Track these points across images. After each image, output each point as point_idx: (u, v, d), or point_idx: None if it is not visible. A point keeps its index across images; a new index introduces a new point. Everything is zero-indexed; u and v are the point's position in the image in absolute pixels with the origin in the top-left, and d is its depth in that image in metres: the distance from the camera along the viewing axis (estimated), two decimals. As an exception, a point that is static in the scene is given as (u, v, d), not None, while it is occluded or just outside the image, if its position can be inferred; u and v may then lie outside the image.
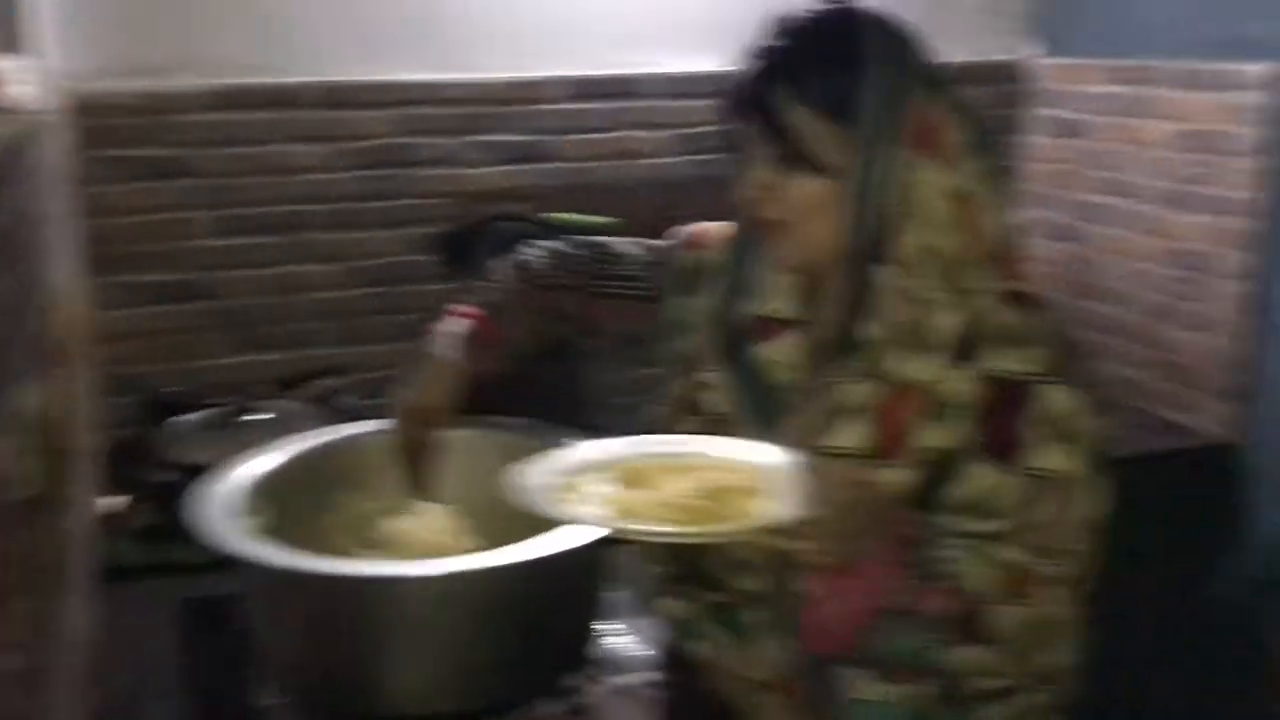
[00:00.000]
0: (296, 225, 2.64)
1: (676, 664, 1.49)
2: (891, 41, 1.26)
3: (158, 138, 2.51)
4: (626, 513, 1.13)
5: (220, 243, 2.59)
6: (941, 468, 1.23)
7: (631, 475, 1.22)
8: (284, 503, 1.39)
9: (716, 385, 1.38)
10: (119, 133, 2.48)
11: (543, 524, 1.29)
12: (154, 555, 2.02)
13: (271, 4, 2.54)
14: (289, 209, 2.62)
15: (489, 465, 1.46)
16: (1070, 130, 3.05)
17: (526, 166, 2.76)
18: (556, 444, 1.33)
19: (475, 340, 1.56)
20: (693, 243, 1.49)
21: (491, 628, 1.14)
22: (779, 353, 1.35)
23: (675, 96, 2.85)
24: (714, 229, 1.48)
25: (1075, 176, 3.03)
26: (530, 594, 1.15)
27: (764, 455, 1.22)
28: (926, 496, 1.24)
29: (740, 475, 1.19)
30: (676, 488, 1.18)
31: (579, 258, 1.56)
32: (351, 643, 1.15)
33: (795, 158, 1.23)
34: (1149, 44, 2.81)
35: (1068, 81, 3.05)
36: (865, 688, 1.26)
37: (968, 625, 1.20)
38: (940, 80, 1.27)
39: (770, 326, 1.35)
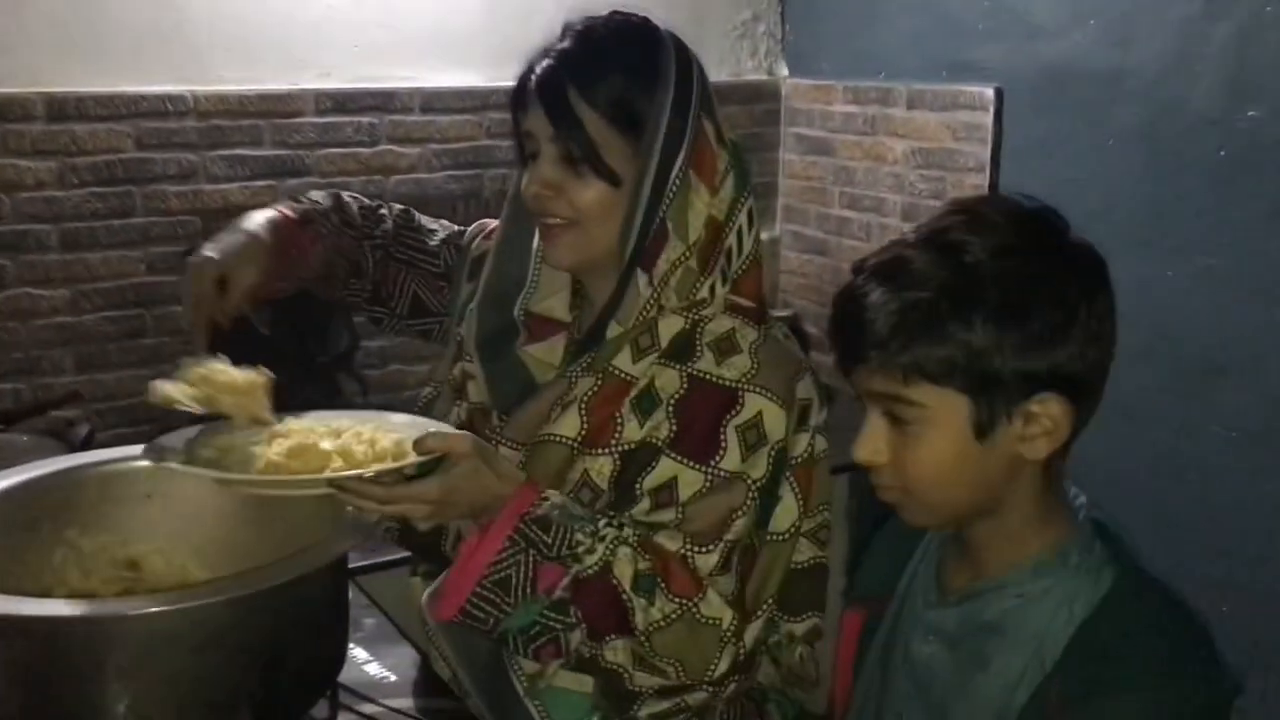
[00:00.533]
0: (23, 245, 2.46)
1: (429, 686, 1.48)
2: (686, 62, 1.29)
3: None
4: (233, 464, 1.14)
5: None
6: (638, 459, 1.26)
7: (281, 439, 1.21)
8: (2, 540, 1.29)
9: (475, 376, 1.38)
10: None
11: (283, 552, 1.24)
12: None
13: (-13, 11, 2.37)
14: (14, 228, 2.44)
15: (224, 499, 1.39)
16: (818, 148, 3.19)
17: (276, 181, 2.67)
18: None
19: (281, 235, 1.39)
20: (488, 236, 1.49)
21: (220, 661, 1.09)
22: (546, 353, 1.36)
23: (433, 111, 2.82)
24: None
25: (824, 192, 3.18)
26: (260, 624, 1.10)
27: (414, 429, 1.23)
28: (624, 480, 1.27)
29: (363, 443, 1.19)
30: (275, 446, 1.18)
31: (386, 217, 1.54)
32: (64, 688, 1.07)
33: (583, 160, 1.24)
34: (885, 67, 2.97)
35: (813, 101, 3.19)
36: (524, 668, 1.28)
37: (613, 617, 1.20)
38: (714, 106, 1.31)
39: (542, 325, 1.36)
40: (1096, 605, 0.99)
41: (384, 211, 1.54)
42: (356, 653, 1.54)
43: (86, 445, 2.24)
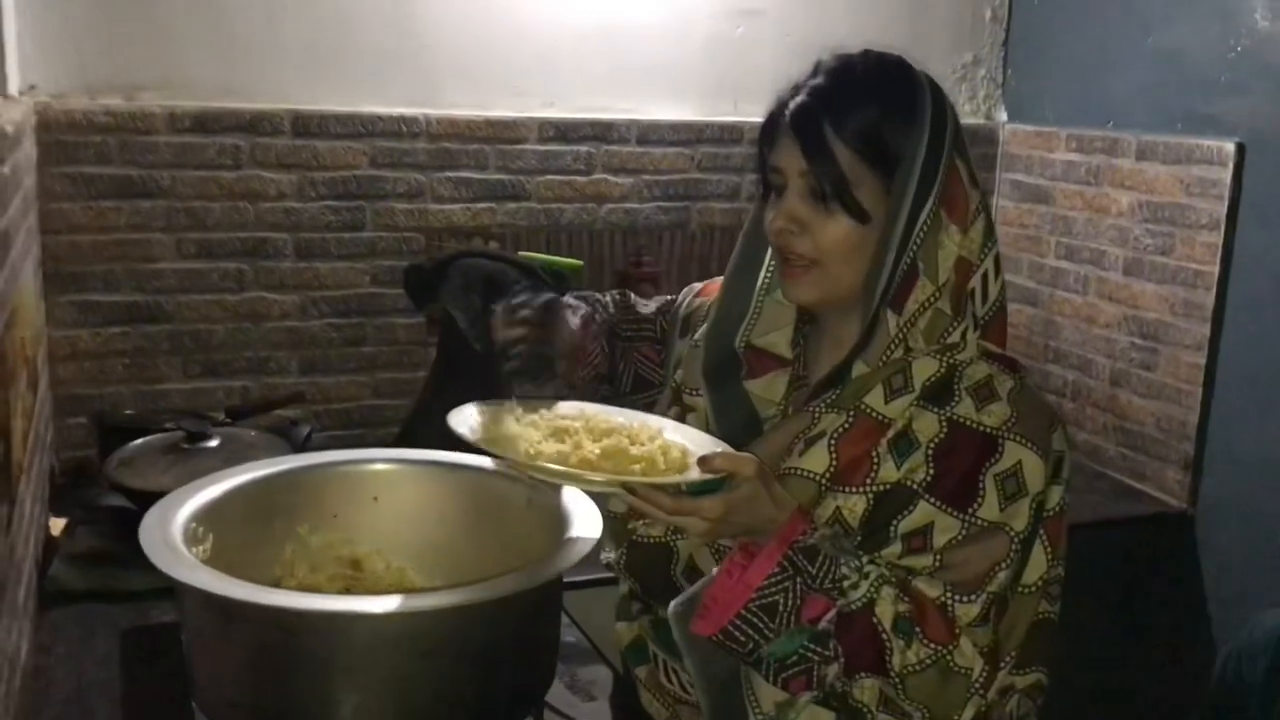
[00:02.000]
0: (260, 252, 2.61)
1: (625, 690, 1.49)
2: (941, 101, 1.28)
3: (122, 157, 2.48)
4: (529, 455, 1.15)
5: (181, 266, 2.56)
6: (891, 500, 1.24)
7: (563, 432, 1.23)
8: (238, 532, 1.35)
9: (700, 408, 1.39)
10: (83, 150, 2.44)
11: (498, 565, 1.27)
12: (95, 580, 1.96)
13: (245, 29, 2.53)
14: (253, 235, 2.60)
15: (457, 507, 1.44)
16: (1036, 196, 3.10)
17: (496, 204, 2.77)
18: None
19: (581, 341, 1.48)
20: (701, 292, 1.52)
21: (443, 668, 1.11)
22: (766, 389, 1.36)
23: (646, 143, 2.87)
24: (717, 284, 1.48)
25: (1039, 241, 3.08)
26: (483, 634, 1.12)
27: (701, 441, 1.24)
28: (874, 527, 1.25)
29: (658, 448, 1.20)
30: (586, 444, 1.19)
31: (608, 303, 1.58)
32: (294, 679, 1.11)
33: (833, 196, 1.23)
34: (1113, 115, 2.87)
35: (1034, 148, 3.10)
36: (766, 697, 1.25)
37: (870, 655, 1.18)
38: (966, 147, 1.29)
39: (762, 360, 1.37)
40: None
41: (605, 298, 1.59)
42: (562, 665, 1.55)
43: (307, 444, 2.34)
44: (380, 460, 1.52)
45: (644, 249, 2.92)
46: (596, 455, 1.16)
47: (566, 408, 1.31)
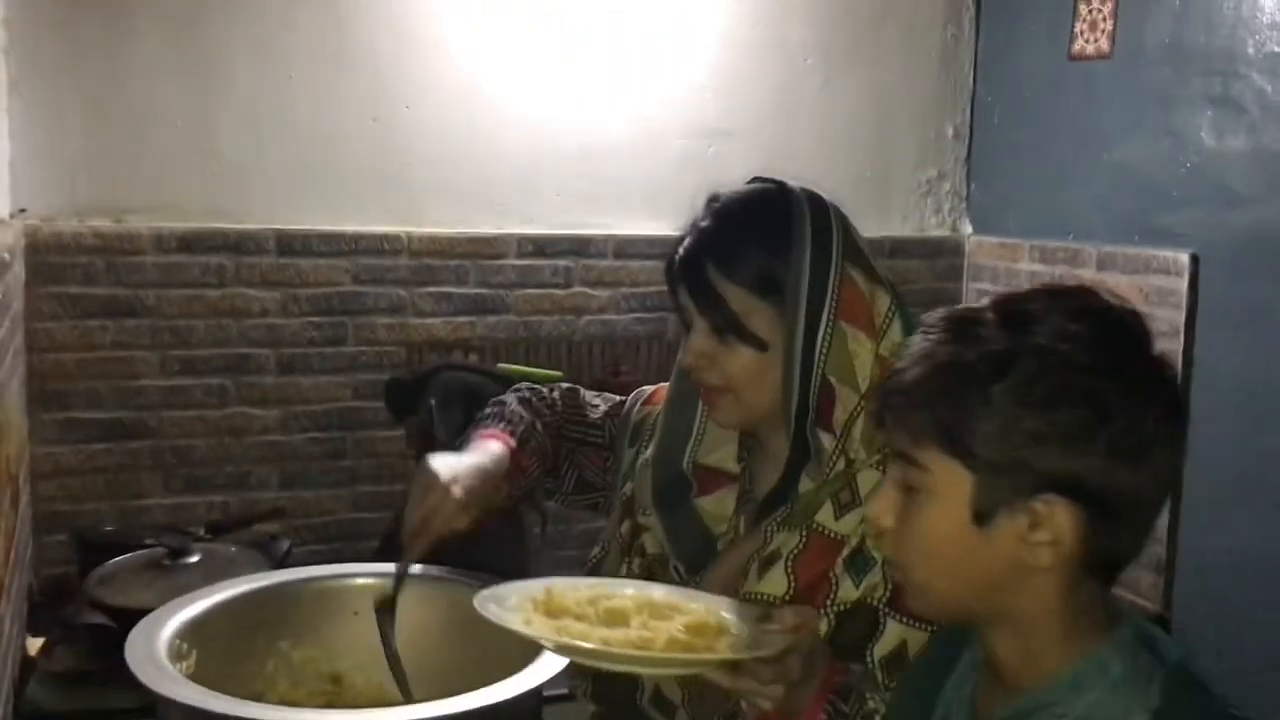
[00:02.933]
0: (243, 368, 2.65)
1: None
2: (819, 220, 1.31)
3: (109, 277, 2.53)
4: (600, 642, 1.08)
5: (164, 383, 2.59)
6: (855, 620, 1.25)
7: (598, 611, 1.20)
8: (220, 648, 1.36)
9: (654, 528, 1.41)
10: (70, 270, 2.49)
11: (490, 676, 1.28)
12: (74, 701, 1.95)
13: (232, 151, 2.61)
14: (236, 351, 2.64)
15: (439, 620, 1.45)
16: (1002, 304, 3.17)
17: (476, 318, 2.82)
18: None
19: (507, 466, 1.44)
20: (649, 400, 1.54)
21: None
22: (717, 505, 1.38)
23: (624, 256, 2.94)
24: (665, 389, 1.50)
25: (1007, 348, 3.14)
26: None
27: (710, 601, 1.20)
28: (856, 649, 1.25)
29: (702, 616, 1.16)
30: (658, 625, 1.13)
31: (556, 401, 1.58)
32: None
33: (728, 330, 1.28)
34: (1073, 227, 2.95)
35: (999, 258, 3.20)
36: None
37: None
38: (862, 252, 1.33)
39: (711, 477, 1.39)
40: None
41: (554, 395, 1.59)
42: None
43: (286, 559, 2.34)
44: (361, 574, 1.53)
45: (622, 359, 2.97)
46: (684, 633, 1.11)
47: (560, 585, 1.23)
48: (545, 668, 1.23)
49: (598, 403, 1.59)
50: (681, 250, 1.32)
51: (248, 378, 2.66)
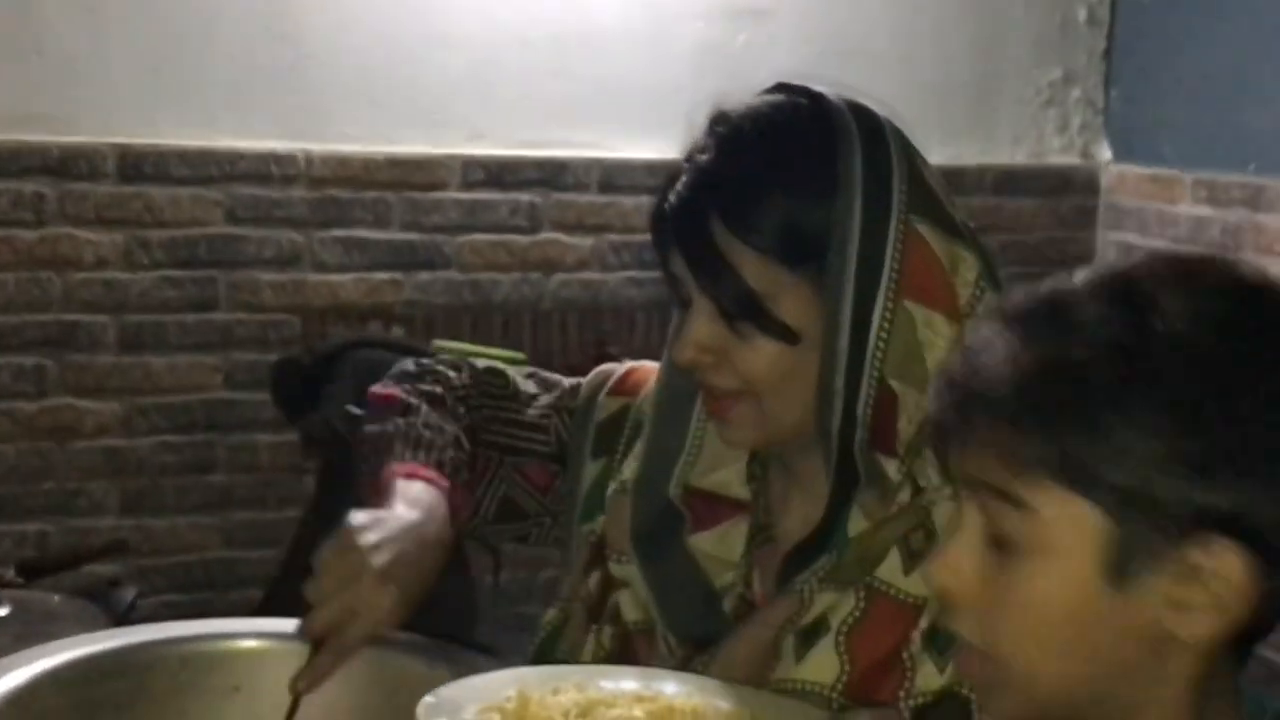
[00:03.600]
0: (70, 342, 2.66)
1: None
2: (873, 150, 1.28)
3: (-121, 209, 2.54)
4: None
5: None
6: (941, 716, 1.25)
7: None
8: None
9: (634, 581, 1.39)
10: None
11: None
12: None
13: (55, 38, 2.61)
14: (60, 319, 2.65)
15: (354, 699, 1.46)
16: (1154, 264, 3.18)
17: (402, 275, 2.83)
18: (451, 668, 1.36)
19: (448, 522, 1.40)
20: (621, 387, 1.50)
21: None
22: (719, 545, 1.37)
23: (614, 190, 2.95)
24: (651, 372, 1.47)
25: (1158, 327, 3.15)
26: None
27: (750, 701, 1.21)
28: None
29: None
30: None
31: (462, 388, 1.51)
32: None
33: (745, 315, 1.25)
34: (1257, 156, 2.96)
35: (1148, 197, 3.21)
36: None
37: None
38: (936, 196, 1.31)
39: (710, 506, 1.38)
40: None
41: (463, 377, 1.52)
42: None
43: (130, 614, 2.35)
44: (244, 634, 1.54)
45: (610, 337, 2.96)
46: None
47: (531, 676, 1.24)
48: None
49: (536, 391, 1.52)
50: (674, 197, 1.27)
51: (76, 356, 2.67)
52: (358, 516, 1.31)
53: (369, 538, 1.28)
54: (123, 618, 2.30)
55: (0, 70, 2.61)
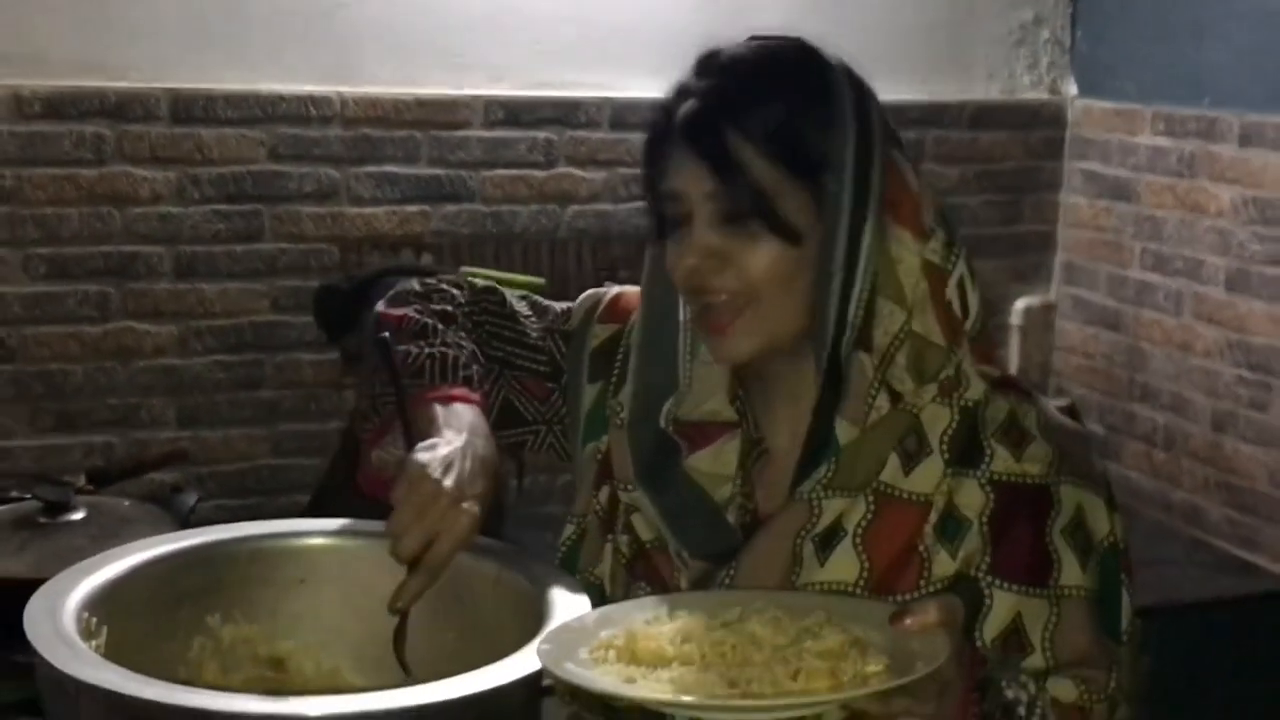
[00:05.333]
0: (129, 271, 2.66)
1: None
2: (860, 87, 1.31)
3: (-48, 151, 2.51)
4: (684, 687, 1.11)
5: (28, 289, 2.61)
6: (966, 598, 1.26)
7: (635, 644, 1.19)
8: (134, 625, 1.39)
9: (642, 508, 1.40)
10: (-99, 142, 2.48)
11: (457, 662, 1.28)
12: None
13: (113, -7, 2.59)
14: (120, 250, 2.65)
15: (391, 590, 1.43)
16: (1114, 191, 3.21)
17: (430, 207, 2.83)
18: (520, 571, 1.37)
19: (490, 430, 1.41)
20: (611, 314, 1.50)
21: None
22: (714, 461, 1.37)
23: (622, 127, 2.93)
24: (630, 295, 1.47)
25: (1119, 248, 3.18)
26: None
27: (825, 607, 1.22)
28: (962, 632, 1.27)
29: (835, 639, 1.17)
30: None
31: (465, 302, 1.51)
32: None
33: (753, 214, 1.26)
34: (1211, 90, 2.96)
35: (1111, 130, 3.21)
36: None
37: None
38: (900, 141, 1.34)
39: (701, 432, 1.38)
40: None
41: (458, 293, 1.51)
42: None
43: (192, 517, 2.37)
44: (308, 533, 1.56)
45: (620, 263, 2.95)
46: (821, 663, 1.12)
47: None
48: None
49: (530, 314, 1.52)
50: (680, 115, 1.29)
51: (135, 284, 2.67)
52: (418, 453, 1.31)
53: (433, 467, 1.29)
54: (185, 520, 2.30)
55: (63, 22, 2.58)
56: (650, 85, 2.83)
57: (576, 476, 1.49)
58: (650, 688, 1.11)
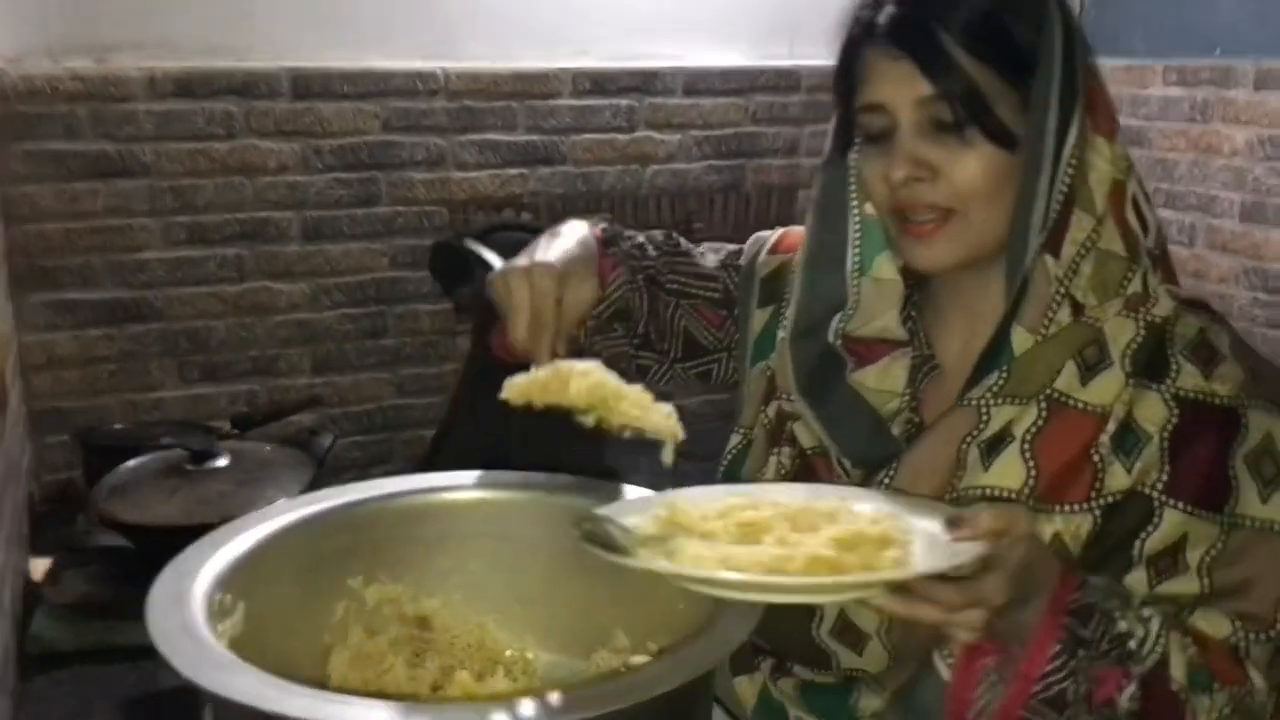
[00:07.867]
0: (261, 235, 2.35)
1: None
2: None
3: (95, 130, 2.19)
4: (734, 565, 0.84)
5: (170, 254, 2.29)
6: (1124, 513, 1.01)
7: (736, 527, 0.91)
8: (273, 594, 1.04)
9: (804, 418, 1.14)
10: (47, 123, 2.15)
11: (606, 620, 1.03)
12: (88, 637, 1.65)
13: (235, -22, 2.27)
14: (253, 216, 2.33)
15: (539, 543, 1.13)
16: (1126, 138, 2.78)
17: (527, 170, 2.50)
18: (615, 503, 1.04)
19: (596, 253, 1.20)
20: (778, 247, 1.25)
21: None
22: (882, 379, 1.12)
23: (696, 93, 2.60)
24: (793, 235, 1.25)
25: (1134, 189, 2.79)
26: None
27: (891, 505, 0.95)
28: (1104, 549, 1.02)
29: (873, 524, 0.90)
30: (806, 540, 0.87)
31: (646, 243, 1.28)
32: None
33: (969, 120, 0.99)
34: (1222, 40, 2.57)
35: (1122, 84, 2.80)
36: None
37: None
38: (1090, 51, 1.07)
39: (870, 348, 1.13)
40: None
41: (642, 239, 1.30)
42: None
43: (328, 456, 2.06)
44: (449, 488, 1.20)
45: (695, 215, 2.68)
46: (831, 549, 0.86)
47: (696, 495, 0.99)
48: (733, 625, 0.89)
49: (704, 251, 1.30)
50: (883, 16, 1.02)
51: (267, 246, 2.36)
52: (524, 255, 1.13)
53: (525, 255, 1.12)
54: (323, 460, 2.01)
55: (192, 8, 2.26)
56: (719, 55, 2.57)
57: (744, 394, 1.25)
58: (647, 557, 0.87)
